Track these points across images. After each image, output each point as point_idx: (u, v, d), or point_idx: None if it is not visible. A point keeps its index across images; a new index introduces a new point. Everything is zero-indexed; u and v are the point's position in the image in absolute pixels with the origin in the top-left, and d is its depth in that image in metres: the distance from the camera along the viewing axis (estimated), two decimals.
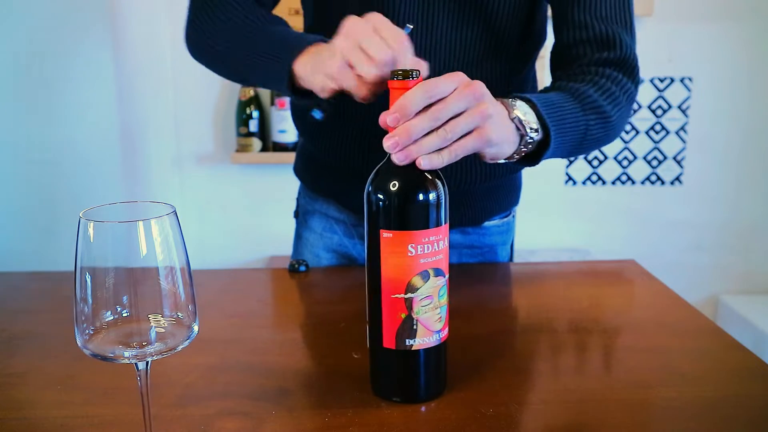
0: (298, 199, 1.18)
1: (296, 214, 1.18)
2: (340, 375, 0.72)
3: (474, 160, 0.98)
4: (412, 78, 0.62)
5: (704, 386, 0.70)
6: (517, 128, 0.73)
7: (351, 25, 0.72)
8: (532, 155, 0.79)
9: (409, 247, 0.62)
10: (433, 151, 0.63)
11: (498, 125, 0.68)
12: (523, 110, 0.74)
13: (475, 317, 0.87)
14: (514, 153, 0.75)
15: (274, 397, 0.67)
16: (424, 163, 0.62)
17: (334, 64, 0.72)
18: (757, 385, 0.70)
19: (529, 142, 0.75)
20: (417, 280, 0.63)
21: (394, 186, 0.62)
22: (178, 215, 0.52)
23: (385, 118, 0.63)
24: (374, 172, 0.65)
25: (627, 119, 0.90)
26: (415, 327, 0.64)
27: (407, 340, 0.64)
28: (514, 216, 1.16)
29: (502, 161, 0.75)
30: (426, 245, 0.62)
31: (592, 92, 0.83)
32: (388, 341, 0.65)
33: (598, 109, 0.83)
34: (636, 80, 0.90)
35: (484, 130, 0.66)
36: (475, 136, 0.66)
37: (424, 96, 0.62)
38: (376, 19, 0.71)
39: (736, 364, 0.75)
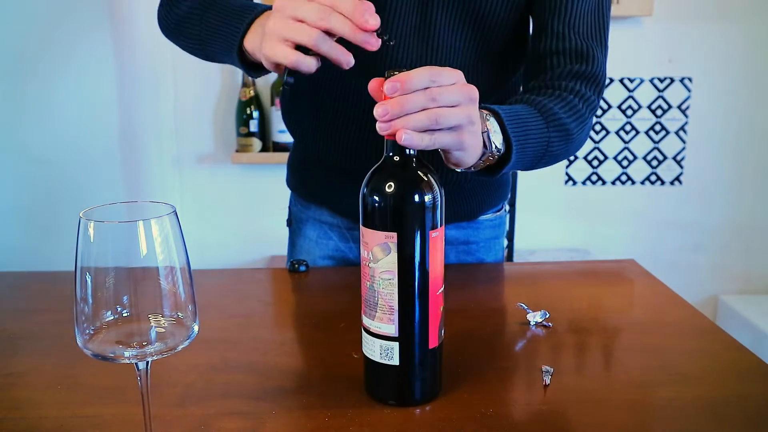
0: (290, 208, 1.18)
1: (289, 223, 1.18)
2: (340, 375, 0.72)
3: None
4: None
5: (704, 386, 0.70)
6: (484, 143, 0.75)
7: (280, 2, 0.71)
8: (492, 168, 0.81)
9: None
10: (416, 131, 0.63)
11: (473, 133, 0.70)
12: (494, 128, 0.76)
13: (474, 317, 0.87)
14: (472, 165, 0.76)
15: (274, 397, 0.67)
16: (405, 138, 0.62)
17: (265, 46, 0.72)
18: (756, 385, 0.70)
19: (490, 158, 0.77)
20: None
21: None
22: (178, 215, 0.52)
23: (382, 86, 0.63)
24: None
25: (589, 130, 0.93)
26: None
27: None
28: (506, 211, 1.18)
29: (459, 170, 0.76)
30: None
31: (557, 109, 0.85)
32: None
33: (561, 126, 0.85)
34: (600, 93, 0.93)
35: (464, 132, 0.68)
36: (454, 134, 0.67)
37: (428, 77, 0.63)
38: None
39: (736, 364, 0.75)
